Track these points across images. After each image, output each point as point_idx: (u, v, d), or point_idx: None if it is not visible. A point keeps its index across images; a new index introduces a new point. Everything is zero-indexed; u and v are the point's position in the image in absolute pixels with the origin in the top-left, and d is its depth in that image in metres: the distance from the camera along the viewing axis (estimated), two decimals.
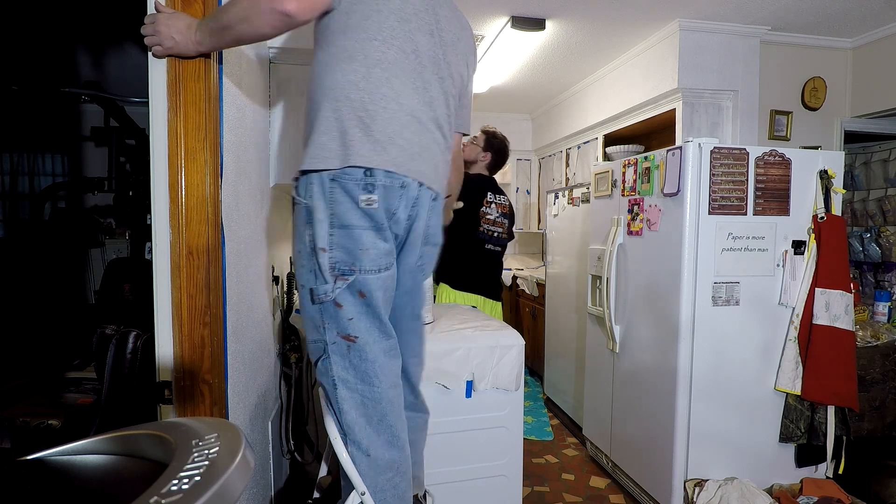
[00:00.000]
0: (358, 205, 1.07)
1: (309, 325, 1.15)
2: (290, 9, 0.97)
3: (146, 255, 2.14)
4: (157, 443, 0.52)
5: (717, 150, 2.00)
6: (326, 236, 1.07)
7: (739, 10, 2.67)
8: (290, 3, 0.96)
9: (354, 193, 1.06)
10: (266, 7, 0.96)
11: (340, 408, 1.13)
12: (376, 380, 1.14)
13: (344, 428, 1.14)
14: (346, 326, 1.10)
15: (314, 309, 1.12)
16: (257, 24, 0.99)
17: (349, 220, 1.07)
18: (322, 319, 1.11)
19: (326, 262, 1.07)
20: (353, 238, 1.08)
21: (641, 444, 2.27)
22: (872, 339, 2.49)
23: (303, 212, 1.10)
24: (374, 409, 1.14)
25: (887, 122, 3.14)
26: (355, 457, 1.14)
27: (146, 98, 1.04)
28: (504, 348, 1.73)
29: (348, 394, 1.13)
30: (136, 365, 1.25)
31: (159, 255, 1.05)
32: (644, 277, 2.27)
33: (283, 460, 1.99)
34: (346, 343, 1.11)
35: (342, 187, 1.06)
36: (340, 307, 1.09)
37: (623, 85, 3.38)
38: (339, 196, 1.06)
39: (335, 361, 1.12)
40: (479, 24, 2.89)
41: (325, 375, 1.14)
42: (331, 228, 1.07)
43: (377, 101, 1.09)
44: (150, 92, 1.03)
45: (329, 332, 1.11)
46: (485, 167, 2.62)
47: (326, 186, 1.06)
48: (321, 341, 1.13)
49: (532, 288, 4.08)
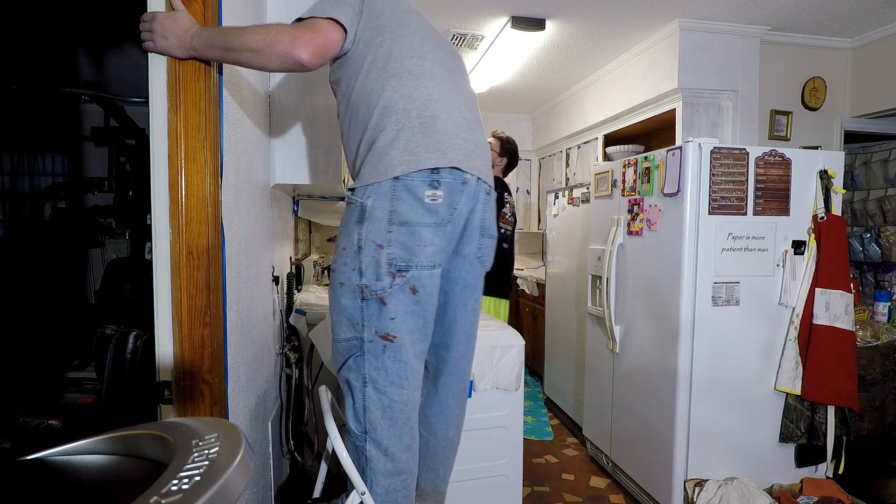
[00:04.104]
0: (422, 201, 1.11)
1: (343, 324, 1.16)
2: (305, 59, 1.03)
3: (146, 255, 2.14)
4: (157, 443, 0.52)
5: (717, 150, 2.00)
6: (385, 233, 1.10)
7: (739, 10, 2.67)
8: (304, 52, 1.03)
9: (420, 191, 1.11)
10: (282, 50, 1.01)
11: (366, 406, 1.15)
12: (406, 382, 1.16)
13: (366, 426, 1.15)
14: (386, 326, 1.12)
15: (356, 306, 1.13)
16: (266, 60, 1.03)
17: (410, 216, 1.10)
18: (362, 317, 1.13)
19: (384, 259, 1.10)
20: (412, 234, 1.11)
21: (641, 444, 2.27)
22: (872, 339, 2.49)
23: (356, 211, 1.12)
24: (399, 413, 1.16)
25: (887, 122, 3.14)
26: (373, 456, 1.15)
27: (146, 98, 1.04)
28: (504, 348, 1.73)
29: (376, 395, 1.14)
30: (136, 365, 1.25)
31: (159, 255, 1.04)
32: (644, 277, 2.27)
33: (283, 460, 1.99)
34: (383, 343, 1.13)
35: (406, 186, 1.10)
36: (386, 305, 1.11)
37: (623, 85, 3.38)
38: (403, 194, 1.10)
39: (369, 360, 1.14)
40: (479, 24, 2.89)
41: (355, 372, 1.15)
42: (390, 225, 1.10)
43: (432, 107, 1.15)
44: (150, 92, 1.03)
45: (367, 329, 1.13)
46: (500, 171, 2.72)
47: (390, 186, 1.10)
48: (357, 339, 1.14)
49: (532, 288, 4.08)
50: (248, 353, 1.45)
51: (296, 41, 1.02)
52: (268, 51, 1.01)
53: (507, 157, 2.69)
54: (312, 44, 1.04)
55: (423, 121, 1.14)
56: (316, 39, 1.06)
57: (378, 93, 1.15)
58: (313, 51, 1.05)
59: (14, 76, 3.26)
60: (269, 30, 1.02)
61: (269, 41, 1.01)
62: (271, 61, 1.03)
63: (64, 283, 3.16)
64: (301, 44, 1.02)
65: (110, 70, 3.20)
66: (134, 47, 2.87)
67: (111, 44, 2.91)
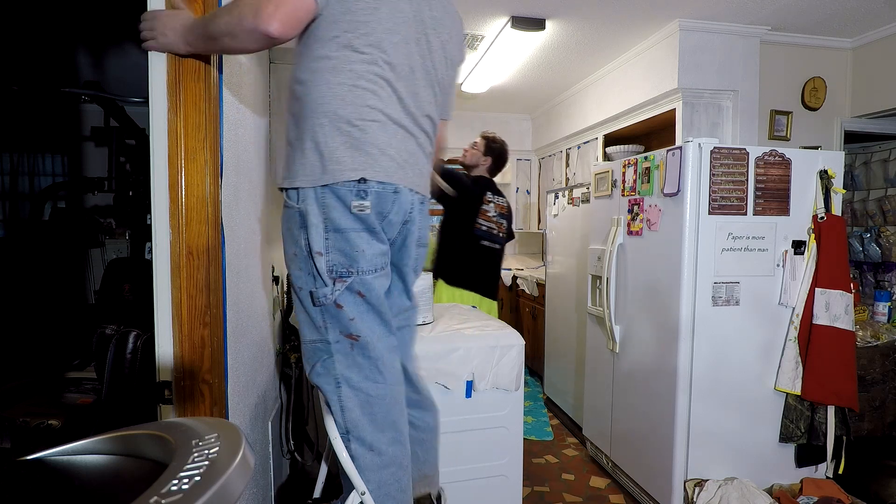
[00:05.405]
0: (350, 210, 1.08)
1: (307, 327, 1.15)
2: (273, 31, 0.95)
3: (146, 255, 2.14)
4: (157, 443, 0.52)
5: (717, 150, 2.00)
6: (322, 240, 1.08)
7: (739, 10, 2.67)
8: (272, 25, 0.94)
9: (347, 200, 1.07)
10: (249, 26, 0.94)
11: (343, 405, 1.13)
12: (380, 376, 1.15)
13: (347, 426, 1.14)
14: (347, 326, 1.11)
15: (315, 310, 1.12)
16: (242, 40, 0.98)
17: (343, 223, 1.08)
18: (323, 320, 1.12)
19: (324, 265, 1.08)
20: (348, 241, 1.09)
21: (641, 444, 2.27)
22: (872, 339, 2.49)
23: (296, 216, 1.10)
24: (378, 407, 1.15)
25: (887, 122, 3.14)
26: (359, 454, 1.14)
27: (146, 98, 1.04)
28: (504, 348, 1.73)
29: (352, 392, 1.13)
30: (136, 365, 1.25)
31: (159, 255, 1.04)
32: (644, 277, 2.27)
33: (283, 460, 1.99)
34: (350, 341, 1.12)
35: (334, 194, 1.07)
36: (341, 308, 1.10)
37: (623, 85, 3.38)
38: (332, 202, 1.07)
39: (338, 360, 1.12)
40: (479, 24, 2.89)
41: (325, 376, 1.14)
42: (325, 232, 1.08)
43: (365, 115, 1.08)
44: (150, 92, 1.03)
45: (331, 331, 1.12)
46: (486, 170, 2.73)
47: (318, 193, 1.07)
48: (322, 341, 1.13)
49: (532, 288, 4.08)
50: (248, 353, 1.45)
51: (259, 12, 0.93)
52: (238, 31, 0.95)
53: (491, 157, 2.71)
54: (277, 10, 0.94)
55: (349, 129, 1.10)
56: (282, 4, 0.95)
57: (313, 85, 1.10)
58: (280, 19, 0.94)
59: (14, 76, 3.26)
60: (234, 6, 0.95)
61: (237, 21, 0.94)
62: (246, 41, 0.97)
63: (64, 283, 3.16)
64: (265, 14, 0.93)
65: (110, 70, 3.20)
66: (134, 47, 2.87)
67: (111, 44, 2.91)
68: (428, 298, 1.87)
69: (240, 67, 1.39)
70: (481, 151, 2.70)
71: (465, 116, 4.84)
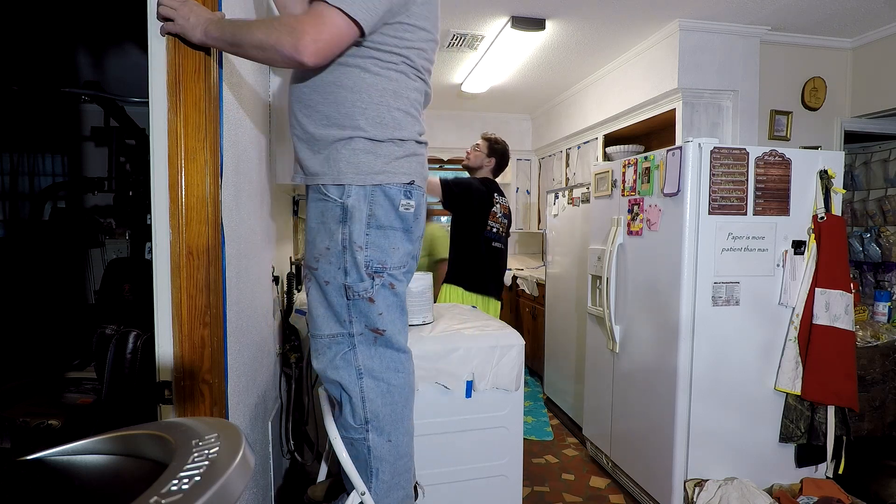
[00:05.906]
0: (397, 209, 1.14)
1: (327, 321, 1.17)
2: (307, 61, 0.99)
3: (146, 255, 2.14)
4: (157, 443, 0.52)
5: (717, 150, 2.00)
6: (363, 235, 1.12)
7: (739, 10, 2.67)
8: (307, 54, 0.97)
9: (396, 199, 1.14)
10: (287, 51, 0.97)
11: (365, 396, 1.16)
12: (402, 367, 1.20)
13: (367, 416, 1.17)
14: (375, 321, 1.15)
15: (342, 304, 1.15)
16: (270, 58, 1.01)
17: (386, 221, 1.13)
18: (349, 314, 1.15)
19: (362, 260, 1.12)
20: (387, 237, 1.14)
21: (641, 444, 2.27)
22: (872, 339, 2.49)
23: (337, 210, 1.13)
24: (399, 397, 1.19)
25: (887, 122, 3.14)
26: (377, 444, 1.17)
27: (146, 98, 1.04)
28: (504, 348, 1.73)
29: (374, 383, 1.17)
30: (136, 365, 1.25)
31: (159, 255, 1.04)
32: (644, 277, 2.27)
33: (283, 460, 1.99)
34: (374, 335, 1.16)
35: (385, 193, 1.13)
36: (373, 302, 1.14)
37: (623, 85, 3.38)
38: (381, 199, 1.12)
39: (361, 351, 1.16)
40: (479, 24, 2.89)
41: (346, 368, 1.16)
42: (367, 228, 1.12)
43: (400, 121, 1.16)
44: (150, 92, 1.03)
45: (356, 325, 1.16)
46: (489, 171, 2.75)
47: (368, 190, 1.12)
48: (343, 335, 1.16)
49: (532, 288, 4.08)
50: (248, 353, 1.45)
51: (298, 44, 0.96)
52: (272, 50, 0.98)
53: (495, 158, 2.72)
54: (315, 44, 0.98)
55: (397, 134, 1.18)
56: (322, 35, 0.98)
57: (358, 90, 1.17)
58: (315, 52, 0.98)
59: (14, 76, 3.26)
60: (273, 28, 0.98)
61: (273, 41, 0.97)
62: (275, 59, 1.01)
63: (64, 283, 3.16)
64: (303, 45, 0.97)
65: (110, 70, 3.20)
66: (134, 47, 2.87)
67: (111, 44, 2.91)
68: (428, 298, 1.87)
69: (241, 67, 1.39)
70: (484, 153, 2.72)
71: (465, 116, 4.84)
